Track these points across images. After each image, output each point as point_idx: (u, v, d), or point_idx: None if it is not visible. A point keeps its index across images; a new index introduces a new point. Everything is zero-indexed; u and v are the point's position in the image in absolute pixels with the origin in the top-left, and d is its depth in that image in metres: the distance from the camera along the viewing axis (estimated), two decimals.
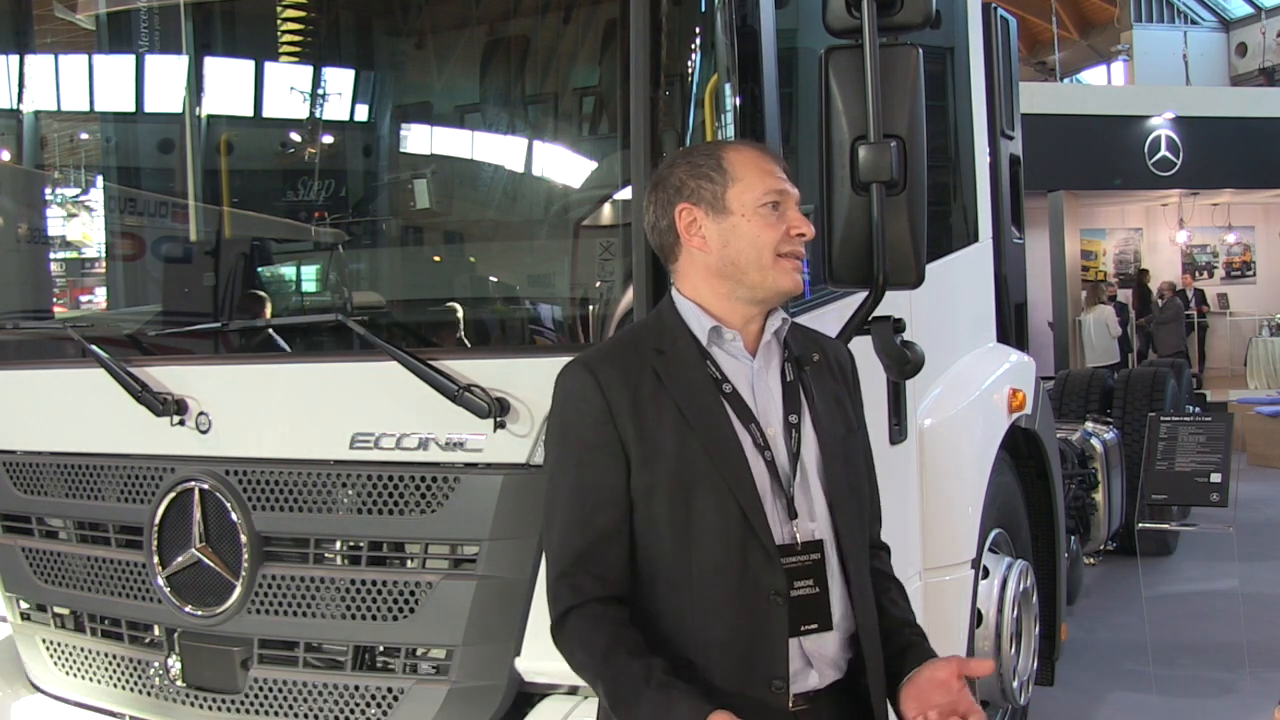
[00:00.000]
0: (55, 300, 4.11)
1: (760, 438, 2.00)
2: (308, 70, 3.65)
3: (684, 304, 2.07)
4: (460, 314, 3.27)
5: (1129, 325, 17.02)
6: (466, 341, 3.07)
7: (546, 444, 2.08)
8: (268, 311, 3.39)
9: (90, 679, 3.32)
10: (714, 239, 2.02)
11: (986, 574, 4.03)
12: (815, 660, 2.00)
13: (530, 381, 2.59)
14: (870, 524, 2.24)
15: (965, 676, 1.98)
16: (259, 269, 3.49)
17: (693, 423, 1.96)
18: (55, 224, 4.09)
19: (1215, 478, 4.80)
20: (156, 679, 3.13)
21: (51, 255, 4.06)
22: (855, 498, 2.11)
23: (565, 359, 2.08)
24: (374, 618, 2.81)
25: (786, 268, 2.03)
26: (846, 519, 2.06)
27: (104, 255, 4.06)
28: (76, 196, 4.15)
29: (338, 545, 2.89)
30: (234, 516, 2.95)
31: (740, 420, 1.99)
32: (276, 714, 2.94)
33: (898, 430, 3.52)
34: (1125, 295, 18.79)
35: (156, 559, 3.06)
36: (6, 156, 4.01)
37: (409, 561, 2.82)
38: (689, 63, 2.69)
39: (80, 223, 4.11)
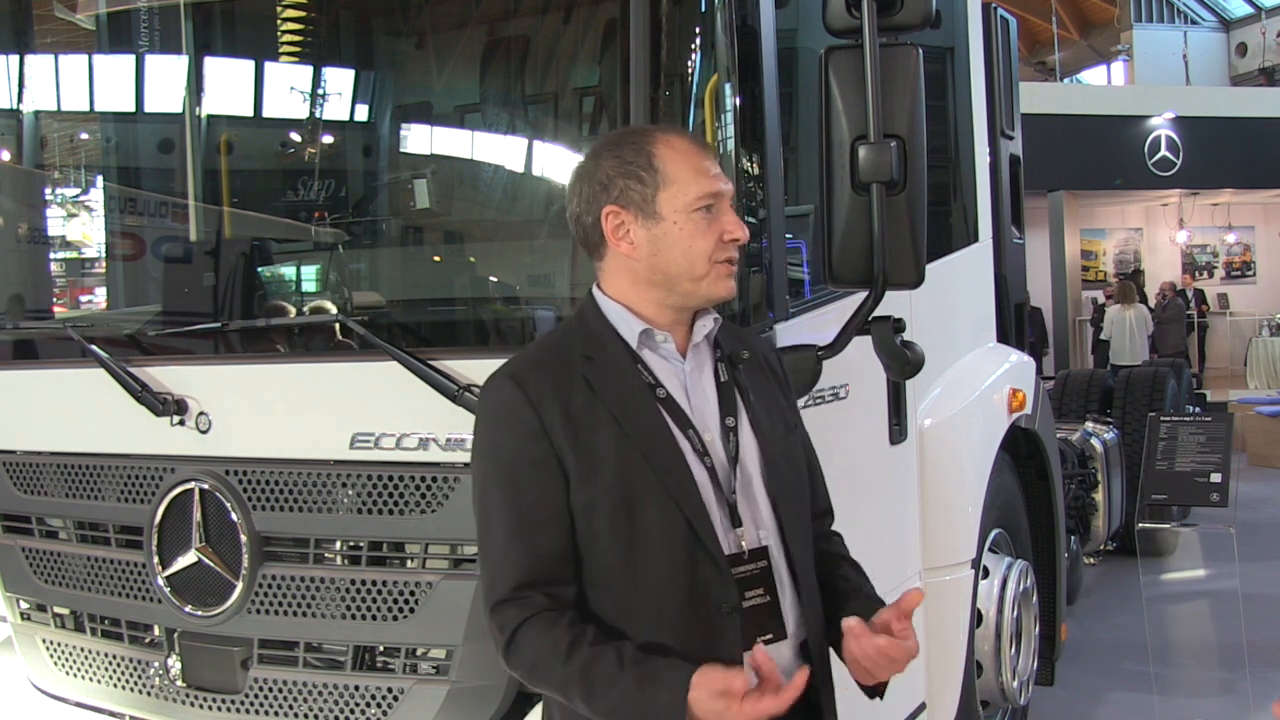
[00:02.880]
0: (55, 300, 4.11)
1: (699, 443, 1.92)
2: (308, 70, 3.64)
3: (610, 306, 1.97)
4: (460, 313, 3.28)
5: None
6: (466, 341, 3.07)
7: (474, 462, 1.97)
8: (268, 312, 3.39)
9: (90, 679, 3.32)
10: (643, 245, 1.92)
11: (986, 574, 4.03)
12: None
13: None
14: (821, 517, 2.18)
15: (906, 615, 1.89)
16: (259, 269, 3.49)
17: (630, 433, 1.87)
18: (55, 224, 4.09)
19: (1215, 478, 4.80)
20: (156, 679, 3.13)
21: (51, 255, 4.06)
22: (799, 499, 2.04)
23: None
24: (374, 618, 2.81)
25: (720, 274, 1.94)
26: (791, 522, 1.99)
27: (104, 255, 4.06)
28: (76, 196, 4.15)
29: (338, 545, 2.89)
30: (234, 516, 2.95)
31: (678, 426, 1.91)
32: (276, 714, 2.94)
33: (898, 430, 3.52)
34: None
35: (156, 559, 3.06)
36: (6, 156, 4.01)
37: (409, 561, 2.82)
38: (689, 63, 2.69)
39: (80, 223, 4.11)
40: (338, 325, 2.94)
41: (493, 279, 3.47)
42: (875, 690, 2.01)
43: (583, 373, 1.91)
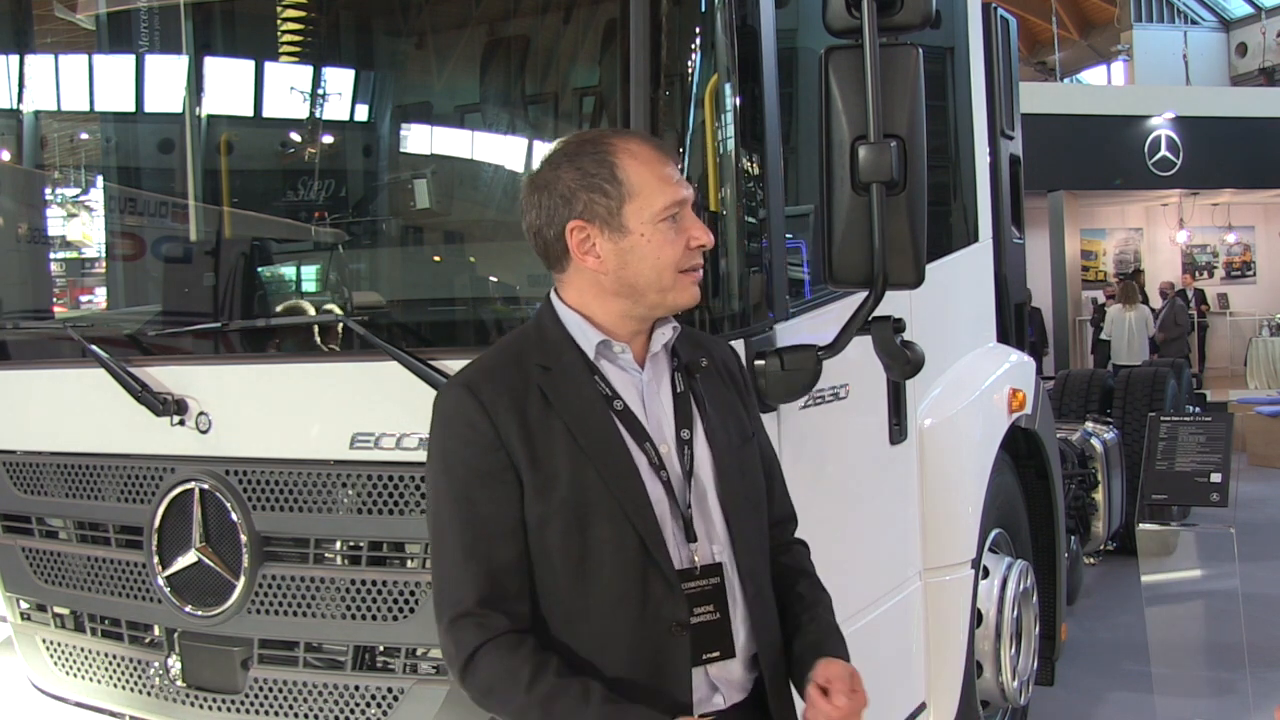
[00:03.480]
0: (55, 300, 4.11)
1: (655, 457, 1.88)
2: (308, 70, 3.64)
3: (568, 315, 1.93)
4: (460, 313, 3.28)
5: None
6: (466, 341, 3.07)
7: (428, 472, 1.94)
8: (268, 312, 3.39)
9: (90, 679, 3.32)
10: (610, 259, 1.88)
11: (986, 574, 4.03)
12: (720, 685, 1.92)
13: None
14: (782, 524, 2.15)
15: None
16: (259, 269, 3.49)
17: (585, 447, 1.84)
18: (55, 224, 4.09)
19: (1215, 478, 4.79)
20: (156, 679, 3.13)
21: (51, 255, 4.06)
22: (754, 513, 2.01)
23: None
24: (374, 618, 2.81)
25: (686, 283, 1.91)
26: (746, 537, 1.95)
27: (104, 255, 4.06)
28: (76, 196, 4.15)
29: (338, 545, 2.89)
30: (234, 516, 2.95)
31: (634, 439, 1.88)
32: (276, 714, 2.94)
33: (898, 430, 3.52)
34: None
35: (156, 559, 3.06)
36: (6, 156, 4.01)
37: (409, 561, 2.82)
38: (689, 63, 2.68)
39: (80, 223, 4.11)
40: (338, 325, 2.94)
41: (492, 279, 3.47)
42: None
43: (538, 383, 1.87)
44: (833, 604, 2.13)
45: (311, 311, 3.14)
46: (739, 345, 2.49)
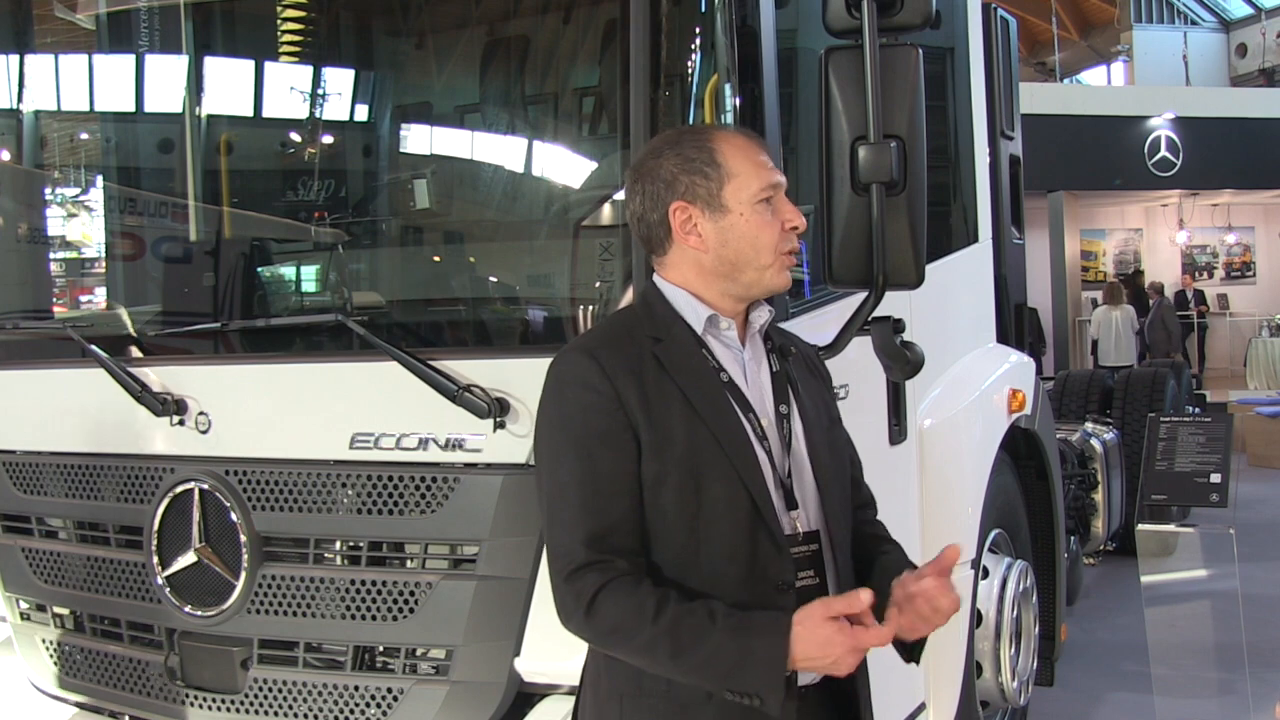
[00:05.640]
0: (55, 300, 4.11)
1: (759, 427, 1.98)
2: (308, 70, 3.64)
3: (675, 292, 2.03)
4: (460, 314, 3.28)
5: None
6: (466, 341, 3.07)
7: (540, 433, 1.98)
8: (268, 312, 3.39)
9: (90, 679, 3.32)
10: (711, 238, 1.98)
11: (986, 574, 4.03)
12: None
13: (530, 381, 2.58)
14: (865, 508, 2.25)
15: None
16: (259, 269, 3.49)
17: (701, 411, 1.92)
18: (55, 224, 4.09)
19: (1215, 478, 4.79)
20: (156, 679, 3.13)
21: (51, 255, 4.06)
22: (841, 488, 2.10)
23: None
24: (374, 618, 2.81)
25: (783, 265, 2.02)
26: (834, 508, 2.05)
27: (104, 255, 4.06)
28: (76, 196, 4.15)
29: (338, 545, 2.90)
30: (234, 516, 2.95)
31: (740, 409, 1.97)
32: (276, 714, 2.94)
33: (898, 430, 3.52)
34: None
35: (156, 559, 3.06)
36: (6, 156, 4.01)
37: (409, 561, 2.82)
38: (689, 63, 2.69)
39: (80, 223, 4.11)
40: (338, 325, 2.94)
41: (492, 279, 3.47)
42: (911, 652, 2.07)
43: (653, 351, 1.96)
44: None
45: (313, 311, 3.14)
46: None
